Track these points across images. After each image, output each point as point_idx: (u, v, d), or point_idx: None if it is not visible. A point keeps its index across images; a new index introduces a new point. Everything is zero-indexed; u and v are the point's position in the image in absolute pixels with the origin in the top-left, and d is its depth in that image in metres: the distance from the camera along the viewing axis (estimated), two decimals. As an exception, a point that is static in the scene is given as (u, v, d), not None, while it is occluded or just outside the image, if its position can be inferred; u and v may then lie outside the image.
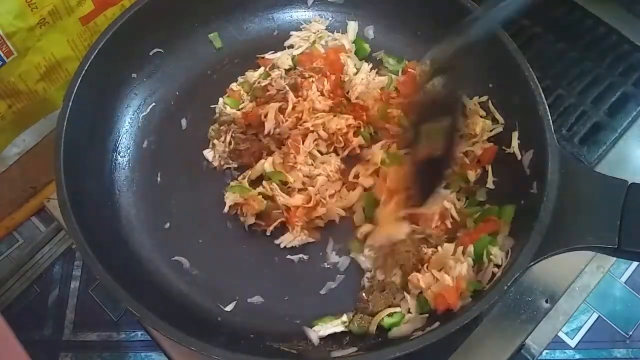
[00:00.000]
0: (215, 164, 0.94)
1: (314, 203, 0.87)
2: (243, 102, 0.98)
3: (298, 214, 0.86)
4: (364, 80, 0.98)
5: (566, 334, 1.70)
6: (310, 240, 0.88)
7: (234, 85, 1.00)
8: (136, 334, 1.71)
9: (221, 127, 0.96)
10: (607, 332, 1.71)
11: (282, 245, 0.88)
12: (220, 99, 0.98)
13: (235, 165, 0.94)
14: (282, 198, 0.87)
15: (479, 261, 0.80)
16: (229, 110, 0.96)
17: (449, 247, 0.81)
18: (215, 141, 0.95)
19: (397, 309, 0.81)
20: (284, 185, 0.89)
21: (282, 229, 0.88)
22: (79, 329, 1.72)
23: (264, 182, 0.89)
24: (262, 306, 0.84)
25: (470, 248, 0.80)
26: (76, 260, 1.81)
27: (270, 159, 0.92)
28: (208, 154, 0.95)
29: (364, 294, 0.83)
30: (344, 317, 0.81)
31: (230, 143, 0.94)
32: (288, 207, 0.87)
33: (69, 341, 1.70)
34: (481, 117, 0.93)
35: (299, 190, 0.89)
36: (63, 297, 1.76)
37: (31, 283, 1.76)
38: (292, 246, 0.88)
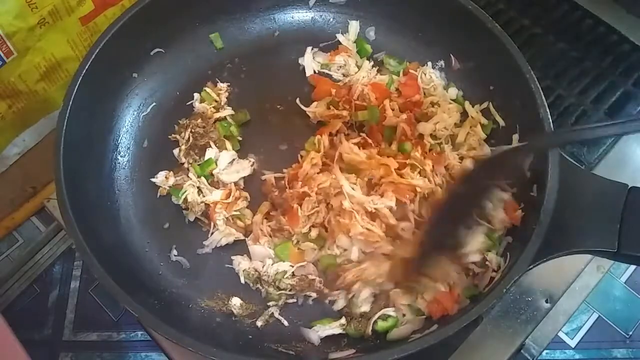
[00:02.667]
0: (183, 160, 0.93)
1: (233, 198, 0.87)
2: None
3: (217, 209, 0.86)
4: (364, 79, 0.98)
5: (566, 334, 1.70)
6: (240, 236, 0.88)
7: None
8: (136, 334, 1.71)
9: (182, 122, 0.95)
10: (607, 332, 1.70)
11: (212, 247, 0.87)
12: (196, 94, 0.98)
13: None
14: (208, 192, 0.88)
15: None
16: (197, 105, 0.97)
17: None
18: (178, 136, 0.95)
19: (391, 312, 0.80)
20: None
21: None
22: (79, 329, 1.72)
23: (190, 174, 0.90)
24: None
25: None
26: (76, 260, 1.80)
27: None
28: (177, 152, 0.94)
29: (355, 299, 0.83)
30: (342, 320, 0.81)
31: (188, 139, 0.93)
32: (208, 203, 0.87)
33: (69, 341, 1.70)
34: (482, 124, 0.93)
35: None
36: (63, 297, 1.76)
37: (31, 283, 1.76)
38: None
